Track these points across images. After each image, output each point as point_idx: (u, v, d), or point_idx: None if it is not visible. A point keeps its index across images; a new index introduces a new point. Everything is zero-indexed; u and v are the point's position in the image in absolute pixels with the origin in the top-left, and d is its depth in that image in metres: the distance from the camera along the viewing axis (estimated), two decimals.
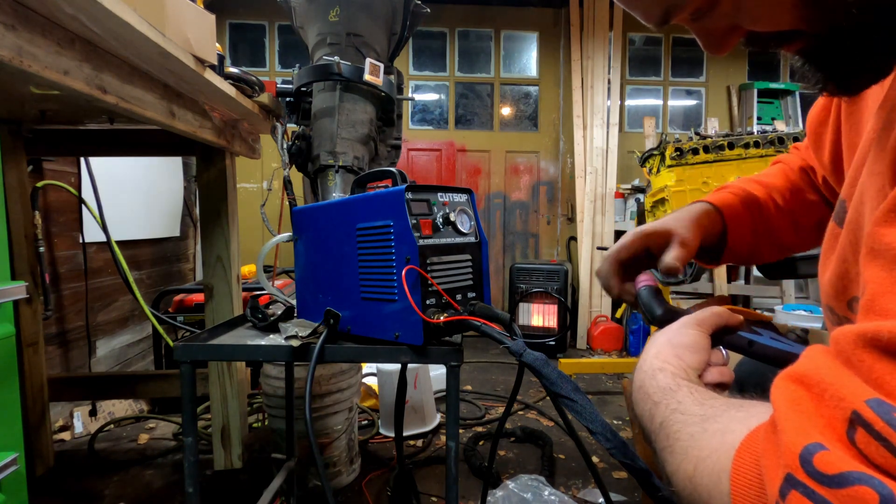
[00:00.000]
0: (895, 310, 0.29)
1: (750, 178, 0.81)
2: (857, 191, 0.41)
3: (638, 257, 0.72)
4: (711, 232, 0.73)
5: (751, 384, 0.53)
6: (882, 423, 0.25)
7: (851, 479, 0.25)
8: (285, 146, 1.53)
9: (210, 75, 1.23)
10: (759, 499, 0.30)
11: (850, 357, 0.28)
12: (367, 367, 2.70)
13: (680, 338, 0.50)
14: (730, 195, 0.76)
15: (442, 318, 0.83)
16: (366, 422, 2.38)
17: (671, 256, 0.66)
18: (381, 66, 1.56)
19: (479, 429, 2.35)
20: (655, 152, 2.20)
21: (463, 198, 0.96)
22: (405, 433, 2.21)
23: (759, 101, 4.20)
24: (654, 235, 0.69)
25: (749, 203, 0.75)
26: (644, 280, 0.68)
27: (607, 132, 4.02)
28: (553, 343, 3.65)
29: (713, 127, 3.77)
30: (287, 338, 0.96)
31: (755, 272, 3.74)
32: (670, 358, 0.48)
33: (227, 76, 1.38)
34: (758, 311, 0.60)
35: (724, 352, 0.51)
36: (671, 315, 0.59)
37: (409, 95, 4.24)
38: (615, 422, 2.51)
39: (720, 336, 0.53)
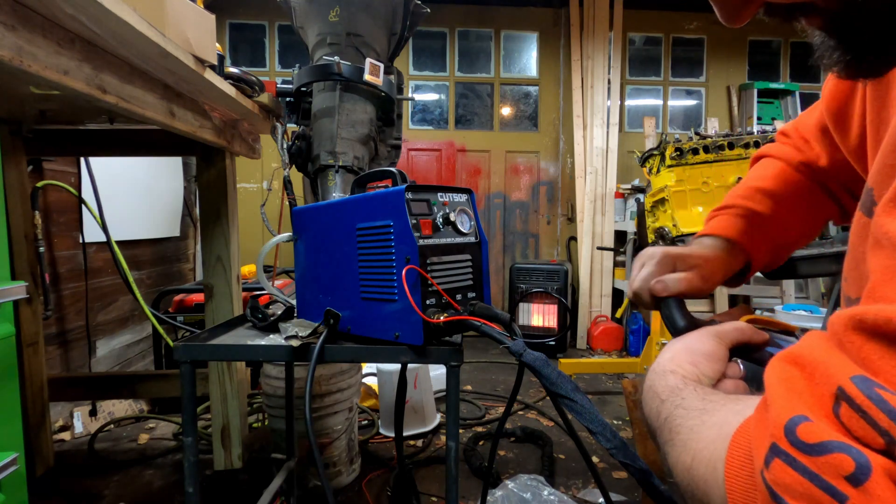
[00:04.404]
0: (891, 296, 0.30)
1: (750, 187, 0.77)
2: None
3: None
4: (734, 269, 0.73)
5: (755, 382, 0.53)
6: (863, 398, 0.26)
7: (831, 448, 0.26)
8: (285, 146, 1.53)
9: (210, 75, 1.23)
10: (749, 479, 0.31)
11: (842, 339, 0.29)
12: (367, 367, 2.70)
13: (697, 345, 0.50)
14: (741, 221, 0.74)
15: (442, 318, 0.83)
16: (366, 422, 2.38)
17: (673, 277, 0.66)
18: (381, 66, 1.56)
19: (479, 429, 2.35)
20: (655, 152, 2.20)
21: (463, 198, 0.96)
22: (405, 433, 2.21)
23: (759, 101, 4.20)
24: (680, 259, 0.69)
25: (760, 224, 0.74)
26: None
27: (607, 132, 4.02)
28: (553, 343, 3.65)
29: (713, 127, 3.77)
30: (287, 338, 0.96)
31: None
32: (684, 363, 0.48)
33: (227, 76, 1.38)
34: (781, 321, 0.59)
35: (741, 365, 0.51)
36: (693, 327, 0.58)
37: (409, 95, 4.24)
38: (615, 422, 2.51)
39: (740, 351, 0.52)
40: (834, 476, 0.25)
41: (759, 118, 4.18)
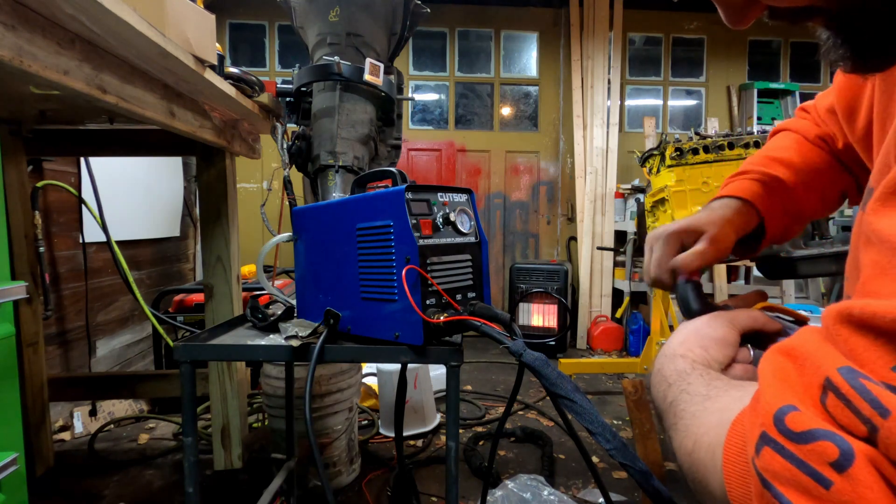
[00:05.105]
0: (879, 291, 0.31)
1: (767, 156, 0.76)
2: None
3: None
4: (746, 229, 0.71)
5: None
6: (848, 388, 0.27)
7: (817, 436, 0.27)
8: (285, 146, 1.53)
9: (210, 75, 1.23)
10: (746, 465, 0.32)
11: (832, 332, 0.31)
12: (367, 367, 2.70)
13: (708, 330, 0.51)
14: (757, 185, 0.73)
15: (442, 318, 0.83)
16: (366, 422, 2.38)
17: (687, 255, 0.65)
18: (381, 66, 1.56)
19: (479, 429, 2.35)
20: (655, 152, 2.20)
21: (463, 198, 0.96)
22: (405, 433, 2.21)
23: (759, 101, 4.20)
24: (685, 233, 0.68)
25: (777, 189, 0.73)
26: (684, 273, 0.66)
27: (607, 132, 4.02)
28: (553, 343, 3.65)
29: (713, 127, 3.77)
30: (287, 338, 0.96)
31: (755, 272, 3.74)
32: (694, 347, 0.49)
33: (227, 76, 1.38)
34: (794, 311, 0.59)
35: (751, 351, 0.51)
36: (706, 311, 0.57)
37: (409, 95, 4.24)
38: (615, 422, 2.51)
39: (752, 339, 0.52)
40: (819, 462, 0.26)
41: (759, 118, 4.18)
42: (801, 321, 0.56)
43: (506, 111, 4.45)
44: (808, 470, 0.27)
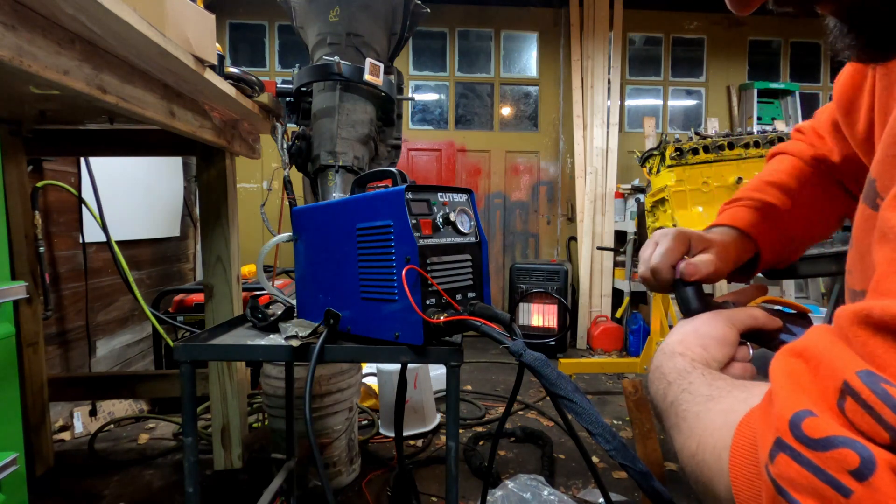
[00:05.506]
0: (894, 290, 0.30)
1: (764, 181, 0.76)
2: None
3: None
4: (742, 259, 0.71)
5: (764, 367, 0.53)
6: (869, 392, 0.26)
7: (836, 443, 0.26)
8: (285, 146, 1.53)
9: (210, 75, 1.22)
10: (754, 468, 0.31)
11: (847, 333, 0.29)
12: (367, 367, 2.70)
13: (708, 328, 0.50)
14: (752, 212, 0.73)
15: (442, 318, 0.83)
16: (366, 422, 2.38)
17: (703, 260, 0.64)
18: (381, 66, 1.56)
19: (479, 429, 2.35)
20: (655, 152, 2.20)
21: (463, 198, 0.96)
22: (405, 433, 2.21)
23: (759, 101, 4.20)
24: (695, 239, 0.68)
25: (773, 215, 0.73)
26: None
27: (607, 132, 4.02)
28: (553, 343, 3.65)
29: (713, 127, 3.77)
30: (287, 338, 0.96)
31: None
32: (693, 346, 0.48)
33: (227, 76, 1.38)
34: (795, 303, 0.59)
35: (750, 349, 0.51)
36: (706, 309, 0.57)
37: (409, 95, 4.24)
38: (615, 422, 2.51)
39: (753, 337, 0.52)
40: (838, 471, 0.25)
41: (759, 118, 4.18)
42: (802, 313, 0.57)
43: (506, 111, 4.45)
44: (826, 478, 0.26)
